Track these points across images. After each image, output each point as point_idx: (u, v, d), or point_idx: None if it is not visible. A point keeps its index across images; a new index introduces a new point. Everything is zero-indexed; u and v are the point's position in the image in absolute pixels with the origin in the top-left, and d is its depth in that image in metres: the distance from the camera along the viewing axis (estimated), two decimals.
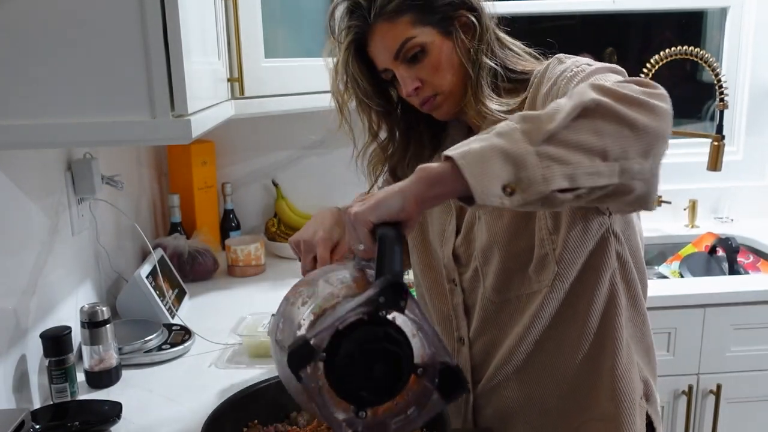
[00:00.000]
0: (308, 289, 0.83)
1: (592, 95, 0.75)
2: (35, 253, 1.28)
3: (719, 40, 2.36)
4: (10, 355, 1.17)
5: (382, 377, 0.68)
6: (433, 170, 0.77)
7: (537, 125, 0.75)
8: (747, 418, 1.85)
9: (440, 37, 1.02)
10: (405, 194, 0.77)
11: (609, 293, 1.03)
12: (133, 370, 1.37)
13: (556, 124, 0.74)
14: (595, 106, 0.74)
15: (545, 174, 0.73)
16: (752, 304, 1.78)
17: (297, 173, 2.26)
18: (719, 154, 2.08)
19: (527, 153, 0.73)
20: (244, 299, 1.77)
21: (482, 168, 0.73)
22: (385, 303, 0.67)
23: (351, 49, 1.05)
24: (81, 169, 1.46)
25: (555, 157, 0.73)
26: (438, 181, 0.76)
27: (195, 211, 2.11)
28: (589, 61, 0.97)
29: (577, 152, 0.74)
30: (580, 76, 0.91)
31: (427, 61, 1.02)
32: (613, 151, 0.74)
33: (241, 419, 1.02)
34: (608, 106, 0.74)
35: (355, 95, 1.10)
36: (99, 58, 0.96)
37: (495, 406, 1.13)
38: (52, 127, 0.97)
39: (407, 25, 1.01)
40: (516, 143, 0.74)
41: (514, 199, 0.73)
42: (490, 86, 1.03)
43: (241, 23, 1.49)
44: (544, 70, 1.02)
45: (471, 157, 0.74)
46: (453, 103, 1.06)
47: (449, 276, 1.13)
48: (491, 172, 0.73)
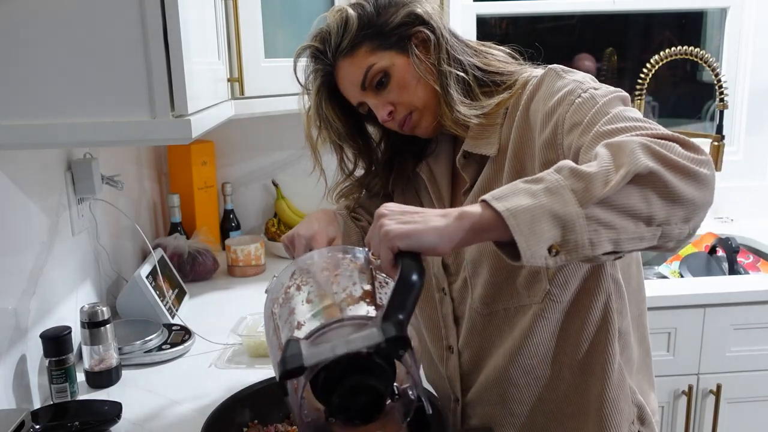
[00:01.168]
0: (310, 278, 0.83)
1: (644, 161, 0.74)
2: (35, 253, 1.28)
3: (719, 40, 2.36)
4: (10, 355, 1.17)
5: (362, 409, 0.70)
6: (477, 218, 0.75)
7: (588, 186, 0.73)
8: (747, 418, 1.85)
9: (400, 58, 1.03)
10: (443, 236, 0.75)
11: (602, 318, 1.03)
12: (133, 370, 1.37)
13: (609, 188, 0.73)
14: (647, 174, 0.74)
15: (593, 238, 0.73)
16: (752, 304, 1.78)
17: (297, 173, 2.26)
18: (719, 154, 2.08)
19: (577, 216, 0.73)
20: (244, 299, 1.77)
21: (531, 229, 0.72)
22: (385, 349, 0.67)
23: (322, 92, 1.08)
24: (81, 169, 1.46)
25: (603, 222, 0.73)
26: (482, 232, 0.75)
27: (195, 211, 2.11)
28: (593, 84, 0.96)
29: (624, 217, 0.74)
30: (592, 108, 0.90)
31: (393, 83, 1.04)
32: (658, 218, 0.74)
33: (241, 419, 1.02)
34: (660, 175, 0.74)
35: (329, 138, 1.13)
36: (99, 58, 0.96)
37: (481, 416, 1.13)
38: (52, 127, 0.98)
39: (366, 54, 1.03)
40: (566, 205, 0.73)
41: (558, 259, 0.74)
42: (461, 93, 1.04)
43: (241, 23, 1.49)
44: (539, 82, 1.01)
45: (522, 218, 0.72)
46: (430, 118, 1.07)
47: (439, 285, 1.13)
48: (541, 235, 0.72)
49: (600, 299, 1.02)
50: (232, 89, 1.48)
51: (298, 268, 0.86)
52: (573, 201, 0.73)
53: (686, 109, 2.61)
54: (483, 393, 1.11)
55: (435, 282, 1.14)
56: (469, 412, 1.15)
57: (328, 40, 1.05)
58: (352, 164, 1.18)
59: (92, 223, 1.54)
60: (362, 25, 1.03)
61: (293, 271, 0.86)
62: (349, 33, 1.03)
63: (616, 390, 1.04)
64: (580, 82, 0.96)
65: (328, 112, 1.10)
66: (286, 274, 0.85)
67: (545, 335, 1.04)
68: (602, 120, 0.87)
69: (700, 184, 0.76)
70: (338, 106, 1.10)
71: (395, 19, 1.04)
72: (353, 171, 1.19)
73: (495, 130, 1.04)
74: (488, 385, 1.10)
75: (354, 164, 1.18)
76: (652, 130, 0.81)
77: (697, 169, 0.76)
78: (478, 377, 1.11)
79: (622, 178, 0.73)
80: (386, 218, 0.77)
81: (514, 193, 0.75)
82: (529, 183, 0.76)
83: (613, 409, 1.04)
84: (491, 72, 1.06)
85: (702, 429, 1.85)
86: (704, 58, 2.00)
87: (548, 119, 0.95)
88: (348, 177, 1.19)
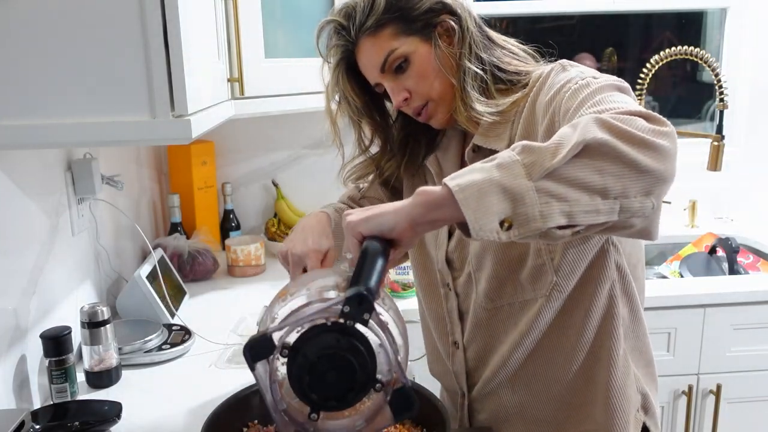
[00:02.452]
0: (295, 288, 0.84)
1: (596, 132, 0.73)
2: (35, 253, 1.28)
3: (719, 40, 2.36)
4: (10, 355, 1.17)
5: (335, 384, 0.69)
6: (431, 196, 0.76)
7: (538, 159, 0.73)
8: (747, 418, 1.85)
9: (423, 46, 1.03)
10: (399, 214, 0.77)
11: (607, 305, 1.03)
12: (133, 370, 1.37)
13: (557, 160, 0.72)
14: (597, 145, 0.73)
15: (543, 211, 0.72)
16: (752, 304, 1.78)
17: (297, 173, 2.26)
18: (719, 154, 2.08)
19: (526, 189, 0.72)
20: (244, 299, 1.77)
21: (479, 203, 0.72)
22: (348, 313, 0.67)
23: (340, 68, 1.07)
24: (81, 169, 1.46)
25: (554, 194, 0.72)
26: (435, 208, 0.76)
27: (195, 211, 2.11)
28: (594, 74, 0.95)
29: (576, 190, 0.72)
30: (584, 92, 0.89)
31: (412, 70, 1.03)
32: (614, 190, 0.73)
33: (241, 419, 1.02)
34: (611, 144, 0.73)
35: (348, 113, 1.11)
36: (99, 58, 0.96)
37: (489, 411, 1.13)
38: (52, 127, 0.98)
39: (389, 37, 1.02)
40: (515, 178, 0.73)
41: (511, 233, 0.73)
42: (477, 90, 1.03)
43: (241, 23, 1.49)
44: (546, 75, 1.01)
45: (469, 191, 0.73)
46: (445, 110, 1.06)
47: (443, 280, 1.13)
48: (489, 208, 0.72)
49: (604, 286, 1.02)
50: (232, 89, 1.48)
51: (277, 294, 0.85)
52: (522, 174, 0.73)
53: (686, 109, 2.61)
54: (490, 387, 1.11)
55: (440, 277, 1.14)
56: (477, 407, 1.15)
57: (352, 17, 1.03)
58: (368, 141, 1.16)
59: (92, 223, 1.54)
60: (389, 6, 1.01)
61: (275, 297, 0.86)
62: (375, 13, 1.01)
63: (623, 376, 1.04)
64: (581, 72, 0.96)
65: (346, 88, 1.08)
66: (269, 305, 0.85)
67: (551, 327, 1.04)
68: (589, 103, 0.85)
69: (658, 155, 0.74)
70: (356, 82, 1.09)
71: (423, 4, 1.02)
72: (368, 147, 1.17)
73: (506, 127, 1.03)
74: (495, 380, 1.10)
75: (370, 141, 1.16)
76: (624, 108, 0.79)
77: (654, 140, 0.73)
78: (484, 372, 1.11)
79: (571, 149, 0.72)
80: (349, 215, 0.80)
81: (470, 172, 0.75)
82: (485, 162, 0.77)
83: (620, 396, 1.04)
84: (509, 71, 1.05)
85: (702, 429, 1.85)
86: (704, 58, 2.00)
87: (548, 108, 0.95)
88: (363, 153, 1.17)
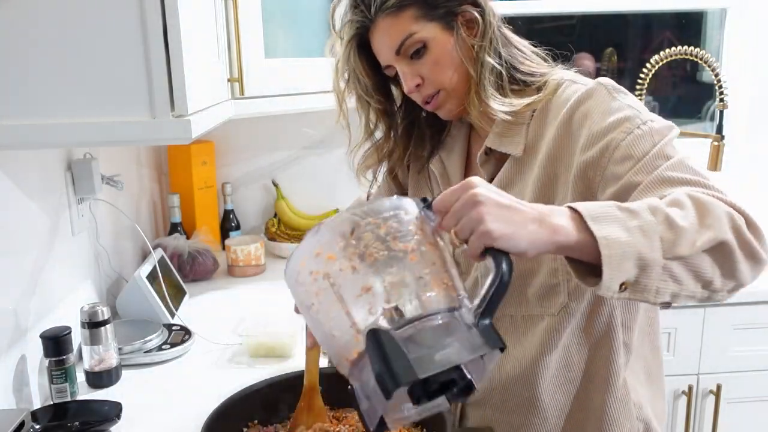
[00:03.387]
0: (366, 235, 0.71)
1: (727, 233, 0.78)
2: (35, 253, 1.28)
3: (719, 40, 2.36)
4: (10, 355, 1.17)
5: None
6: (572, 238, 0.74)
7: (677, 241, 0.76)
8: (747, 418, 1.85)
9: (443, 33, 1.00)
10: (534, 244, 0.73)
11: (605, 331, 1.02)
12: (133, 370, 1.37)
13: (693, 249, 0.76)
14: (727, 249, 0.78)
15: (660, 287, 0.77)
16: (752, 304, 1.78)
17: (297, 173, 2.26)
18: (719, 154, 2.07)
19: (657, 264, 0.75)
20: (244, 299, 1.77)
21: (620, 265, 0.73)
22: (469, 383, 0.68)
23: (353, 44, 1.04)
24: (81, 169, 1.46)
25: (675, 276, 0.77)
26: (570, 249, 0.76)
27: (195, 211, 2.11)
28: (647, 113, 0.94)
29: (691, 277, 0.78)
30: (649, 143, 0.90)
31: (428, 57, 1.01)
32: (715, 285, 0.80)
33: (241, 419, 1.02)
34: (733, 250, 0.78)
35: (355, 91, 1.09)
36: (99, 58, 0.96)
37: (477, 420, 1.12)
38: (52, 127, 0.97)
39: (410, 20, 1.00)
40: (653, 251, 0.75)
41: (623, 294, 0.76)
42: (493, 85, 1.01)
43: (241, 23, 1.49)
44: (586, 95, 0.98)
45: (615, 249, 0.73)
46: (456, 102, 1.05)
47: None
48: (624, 271, 0.74)
49: (604, 312, 1.02)
50: (232, 89, 1.48)
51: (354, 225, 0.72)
52: (659, 249, 0.75)
53: (686, 109, 2.61)
54: (483, 396, 1.10)
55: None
56: (468, 413, 1.14)
57: None
58: (373, 125, 1.14)
59: (92, 223, 1.54)
60: None
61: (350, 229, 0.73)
62: None
63: (619, 405, 1.03)
64: (636, 111, 0.94)
65: (357, 66, 1.06)
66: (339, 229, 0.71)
67: (551, 347, 1.02)
68: (664, 164, 0.87)
69: (759, 268, 0.81)
70: (367, 61, 1.07)
71: None
72: (373, 131, 1.15)
73: (521, 130, 1.02)
74: (489, 389, 1.09)
75: (375, 125, 1.14)
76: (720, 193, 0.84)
77: (762, 256, 0.81)
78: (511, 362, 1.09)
79: (707, 242, 0.76)
80: (483, 207, 0.71)
81: (609, 219, 0.75)
82: (624, 213, 0.76)
83: (613, 425, 1.03)
84: (524, 72, 1.04)
85: (702, 429, 1.85)
86: (704, 58, 2.00)
87: (597, 139, 0.93)
88: (368, 138, 1.15)
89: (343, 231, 0.70)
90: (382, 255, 0.68)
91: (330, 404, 1.02)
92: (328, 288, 0.69)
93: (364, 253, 0.69)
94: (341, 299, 0.69)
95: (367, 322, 0.67)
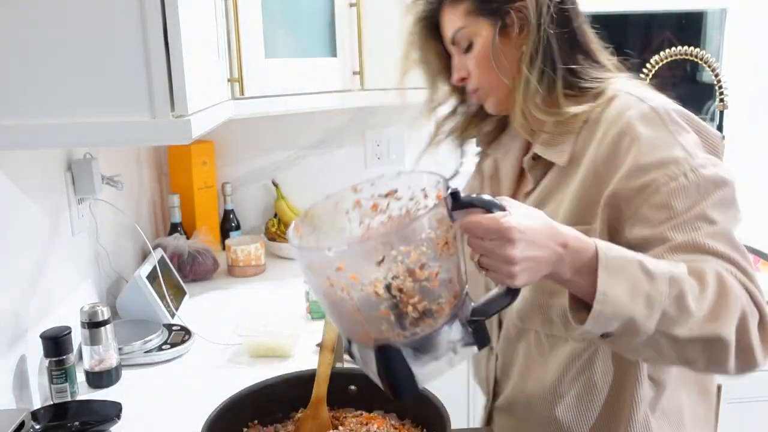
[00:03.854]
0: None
1: (729, 332, 0.77)
2: (35, 253, 1.28)
3: (719, 40, 2.36)
4: (10, 355, 1.17)
5: None
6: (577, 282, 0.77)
7: (676, 320, 0.76)
8: (747, 418, 1.85)
9: (489, 31, 0.98)
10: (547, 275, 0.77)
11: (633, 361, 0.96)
12: (133, 370, 1.37)
13: (687, 334, 0.76)
14: (723, 345, 0.78)
15: (639, 350, 0.79)
16: None
17: (297, 173, 2.26)
18: None
19: (645, 332, 0.76)
20: (244, 299, 1.77)
21: (605, 322, 0.76)
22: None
23: (422, 24, 1.05)
24: (81, 169, 1.46)
25: (657, 348, 0.78)
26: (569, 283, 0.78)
27: (195, 211, 2.11)
28: (699, 156, 0.87)
29: (673, 353, 0.79)
30: (693, 198, 0.85)
31: (473, 54, 1.01)
32: (697, 366, 0.82)
33: (241, 419, 1.02)
34: (729, 351, 0.78)
35: (422, 68, 1.09)
36: (99, 58, 0.96)
37: (501, 427, 1.11)
38: (52, 127, 0.97)
39: (463, 13, 0.99)
40: (648, 320, 0.76)
41: (598, 341, 0.79)
42: (540, 90, 0.96)
43: (241, 23, 1.49)
44: (640, 116, 0.90)
45: (607, 308, 0.75)
46: (496, 101, 1.03)
47: (487, 284, 1.09)
48: (607, 327, 0.76)
49: None
50: (232, 89, 1.48)
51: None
52: (656, 320, 0.76)
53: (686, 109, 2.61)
54: (509, 404, 1.08)
55: (484, 281, 1.09)
56: (495, 418, 1.12)
57: None
58: (439, 102, 1.13)
59: (92, 223, 1.54)
60: None
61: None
62: None
63: None
64: (687, 153, 0.87)
65: (422, 44, 1.07)
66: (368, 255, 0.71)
67: (574, 371, 0.99)
68: (704, 229, 0.84)
69: (748, 369, 0.81)
70: (434, 39, 1.06)
71: None
72: (437, 107, 1.13)
73: (569, 139, 0.97)
74: (514, 401, 1.07)
75: (441, 102, 1.13)
76: (750, 280, 0.81)
77: (756, 361, 0.80)
78: (507, 386, 1.09)
79: (707, 334, 0.77)
80: (516, 267, 0.73)
81: (623, 276, 0.76)
82: (642, 274, 0.76)
83: None
84: (585, 79, 0.97)
85: None
86: (704, 58, 2.00)
87: (639, 173, 0.87)
88: (432, 112, 1.13)
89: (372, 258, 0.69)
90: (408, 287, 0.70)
91: (330, 404, 1.02)
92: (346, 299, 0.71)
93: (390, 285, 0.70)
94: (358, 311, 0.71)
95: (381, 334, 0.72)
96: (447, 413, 0.94)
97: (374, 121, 2.22)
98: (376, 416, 1.03)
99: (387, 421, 1.01)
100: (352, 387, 1.06)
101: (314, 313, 1.59)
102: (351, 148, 2.23)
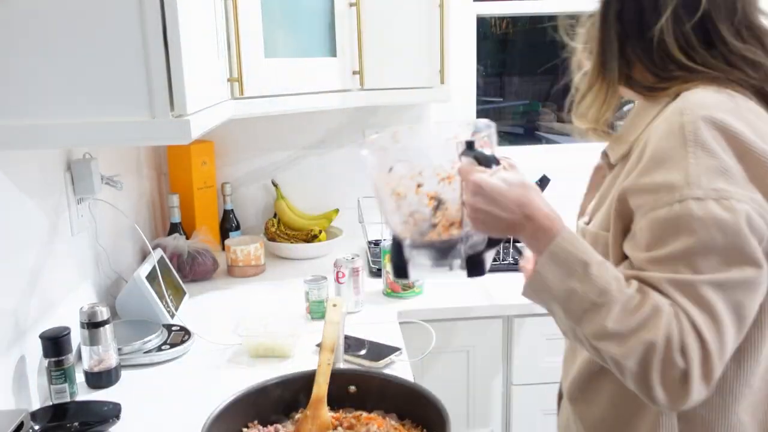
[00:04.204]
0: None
1: (633, 365, 0.77)
2: (35, 253, 1.28)
3: None
4: (10, 355, 1.17)
5: None
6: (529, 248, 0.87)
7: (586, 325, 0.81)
8: None
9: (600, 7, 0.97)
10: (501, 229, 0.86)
11: None
12: (133, 370, 1.37)
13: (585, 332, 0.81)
14: (618, 368, 0.80)
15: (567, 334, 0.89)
16: None
17: (297, 173, 2.26)
18: None
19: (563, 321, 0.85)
20: (244, 299, 1.77)
21: (533, 295, 0.87)
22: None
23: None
24: (81, 169, 1.46)
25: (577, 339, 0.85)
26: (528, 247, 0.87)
27: (195, 211, 2.11)
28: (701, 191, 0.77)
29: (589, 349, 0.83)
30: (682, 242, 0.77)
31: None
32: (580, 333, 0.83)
33: (241, 419, 1.02)
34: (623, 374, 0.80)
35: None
36: (99, 58, 0.96)
37: (563, 415, 1.09)
38: (52, 127, 0.97)
39: None
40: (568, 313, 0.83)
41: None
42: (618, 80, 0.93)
43: (241, 23, 1.49)
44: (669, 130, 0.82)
45: (536, 285, 0.85)
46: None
47: None
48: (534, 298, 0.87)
49: None
50: (232, 89, 1.48)
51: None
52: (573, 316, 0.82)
53: None
54: (568, 394, 1.05)
55: None
56: (562, 405, 1.10)
57: None
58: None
59: (92, 223, 1.54)
60: None
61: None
62: None
63: None
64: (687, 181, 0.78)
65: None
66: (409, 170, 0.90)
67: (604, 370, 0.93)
68: (683, 276, 0.77)
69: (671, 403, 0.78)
70: None
71: None
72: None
73: (629, 137, 0.93)
74: (569, 391, 1.04)
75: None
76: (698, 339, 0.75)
77: (657, 399, 0.78)
78: (569, 375, 1.05)
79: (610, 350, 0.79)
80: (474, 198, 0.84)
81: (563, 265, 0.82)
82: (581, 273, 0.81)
83: None
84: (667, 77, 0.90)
85: None
86: None
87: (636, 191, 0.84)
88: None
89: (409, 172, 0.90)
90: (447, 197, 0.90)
91: (330, 404, 1.02)
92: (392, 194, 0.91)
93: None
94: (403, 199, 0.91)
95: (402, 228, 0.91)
96: (447, 413, 0.94)
97: (374, 121, 2.22)
98: (376, 416, 1.03)
99: (387, 421, 1.02)
100: (352, 387, 1.07)
101: (314, 314, 1.59)
102: (351, 148, 2.23)
